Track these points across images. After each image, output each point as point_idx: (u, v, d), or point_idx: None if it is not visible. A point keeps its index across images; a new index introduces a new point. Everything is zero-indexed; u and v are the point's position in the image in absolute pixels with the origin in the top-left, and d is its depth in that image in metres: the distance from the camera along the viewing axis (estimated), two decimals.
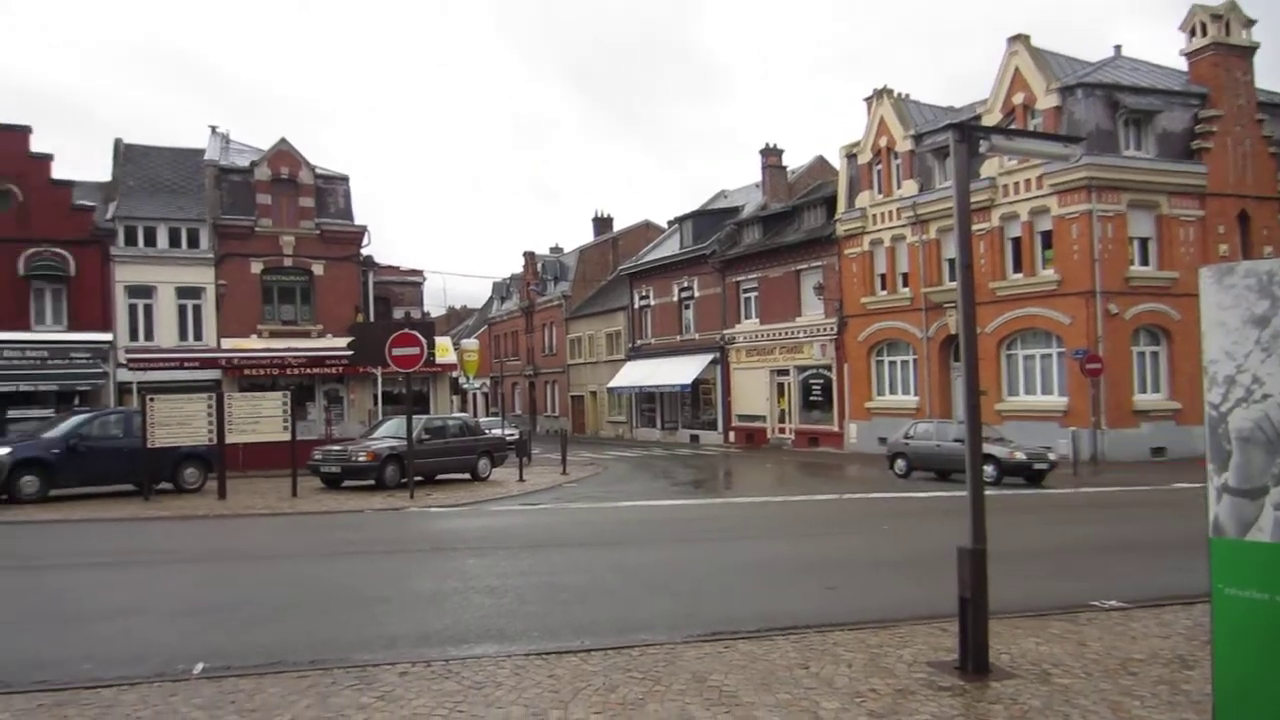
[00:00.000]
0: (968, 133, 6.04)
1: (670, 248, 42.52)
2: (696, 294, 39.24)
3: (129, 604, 8.09)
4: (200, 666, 5.92)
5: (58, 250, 26.09)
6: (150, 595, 8.54)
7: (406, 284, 37.35)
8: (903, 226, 29.20)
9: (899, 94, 30.83)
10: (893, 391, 30.30)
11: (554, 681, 5.50)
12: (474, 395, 33.89)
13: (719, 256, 37.24)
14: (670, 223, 46.03)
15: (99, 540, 12.37)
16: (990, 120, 25.01)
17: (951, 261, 27.24)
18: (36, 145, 26.55)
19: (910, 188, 28.97)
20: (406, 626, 7.14)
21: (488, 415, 47.36)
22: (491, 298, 66.25)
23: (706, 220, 40.11)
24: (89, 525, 13.62)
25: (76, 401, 24.99)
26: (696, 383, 37.86)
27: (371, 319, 29.78)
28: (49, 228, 26.09)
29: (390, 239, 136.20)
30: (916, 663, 5.85)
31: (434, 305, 56.00)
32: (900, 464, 21.75)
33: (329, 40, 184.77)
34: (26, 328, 25.77)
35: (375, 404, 28.03)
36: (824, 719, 4.84)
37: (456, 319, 69.01)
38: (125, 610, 7.82)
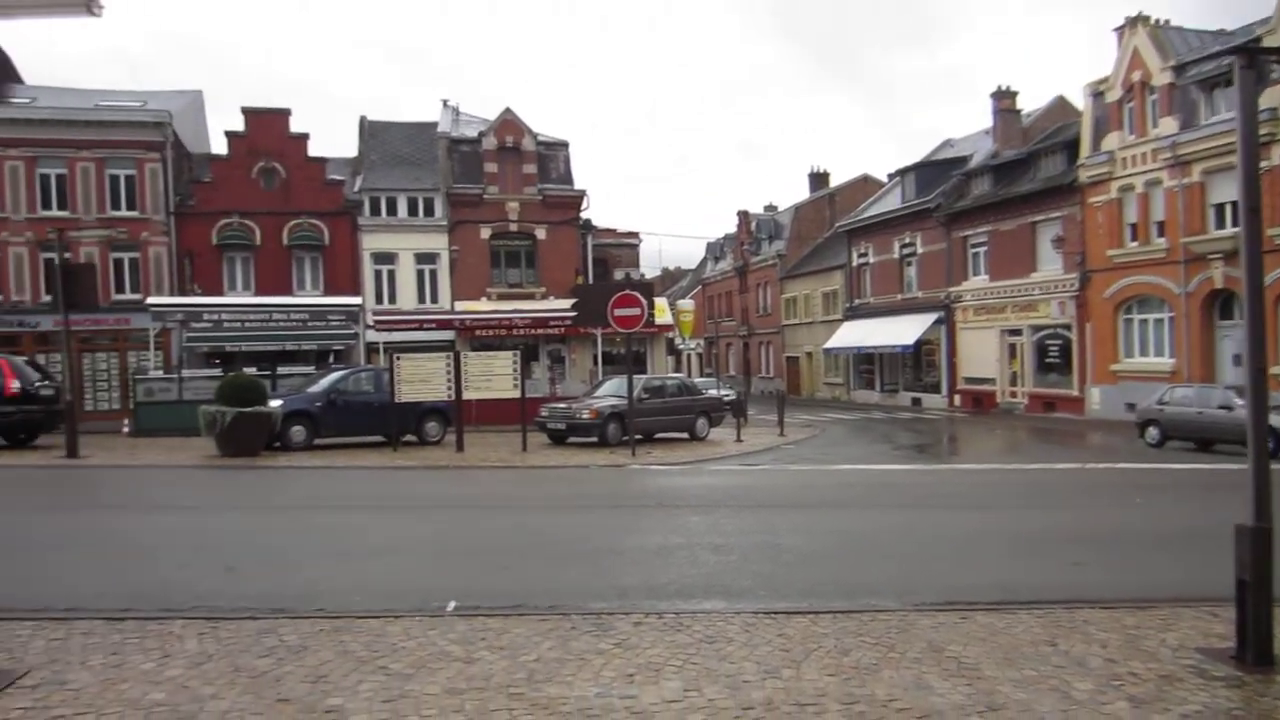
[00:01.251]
0: (1254, 57, 5.27)
1: (891, 202, 40.83)
2: (919, 250, 37.52)
3: (387, 544, 8.86)
4: (452, 604, 6.38)
5: (315, 222, 28.84)
6: (404, 538, 9.32)
7: (623, 246, 38.26)
8: (1159, 169, 26.36)
9: (1156, 20, 27.69)
10: (1143, 353, 27.67)
11: (784, 641, 5.47)
12: (688, 356, 34.29)
13: (945, 210, 35.33)
14: (891, 176, 44.17)
15: (357, 486, 13.65)
16: (1274, 41, 21.93)
17: (1219, 207, 24.39)
18: (294, 126, 29.41)
19: (1169, 125, 26.04)
20: (635, 578, 7.35)
21: (701, 376, 47.84)
22: (705, 258, 66.59)
23: (931, 171, 38.12)
24: (347, 472, 15.05)
25: (330, 359, 27.61)
26: (919, 343, 36.33)
27: (590, 281, 30.77)
28: (307, 201, 28.87)
29: (606, 202, 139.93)
30: (1183, 648, 5.33)
31: (649, 267, 57.07)
32: (1153, 432, 19.87)
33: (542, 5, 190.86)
34: (290, 292, 28.74)
35: (595, 364, 29.03)
36: (1078, 700, 4.50)
37: (671, 280, 70.00)
38: (384, 550, 8.57)
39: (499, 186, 30.39)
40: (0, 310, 26.29)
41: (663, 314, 29.32)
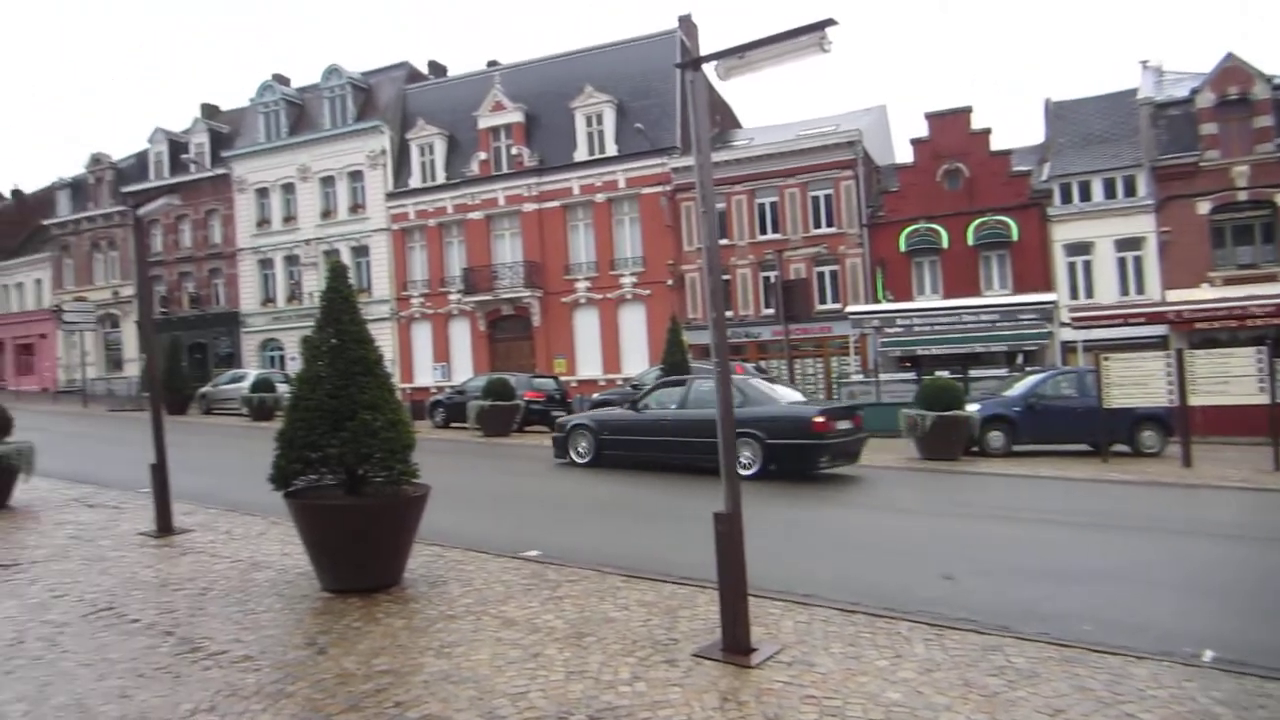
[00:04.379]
0: None
1: None
2: None
3: (1107, 568, 7.96)
4: (1210, 654, 5.37)
5: (1000, 218, 28.22)
6: (1126, 562, 8.28)
7: None
8: None
9: None
10: None
11: None
12: None
13: None
14: None
15: (1062, 498, 12.63)
16: None
17: None
18: (975, 123, 29.20)
19: None
20: None
21: None
22: None
23: None
24: (1051, 482, 14.03)
25: (1019, 360, 26.60)
26: None
27: None
28: (991, 197, 28.42)
29: None
30: None
31: None
32: None
33: None
34: (977, 293, 28.56)
35: None
36: None
37: None
38: (1105, 575, 7.71)
39: (1220, 150, 25.95)
40: (729, 323, 31.28)
41: None
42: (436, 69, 42.49)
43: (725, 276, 30.92)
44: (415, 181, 37.69)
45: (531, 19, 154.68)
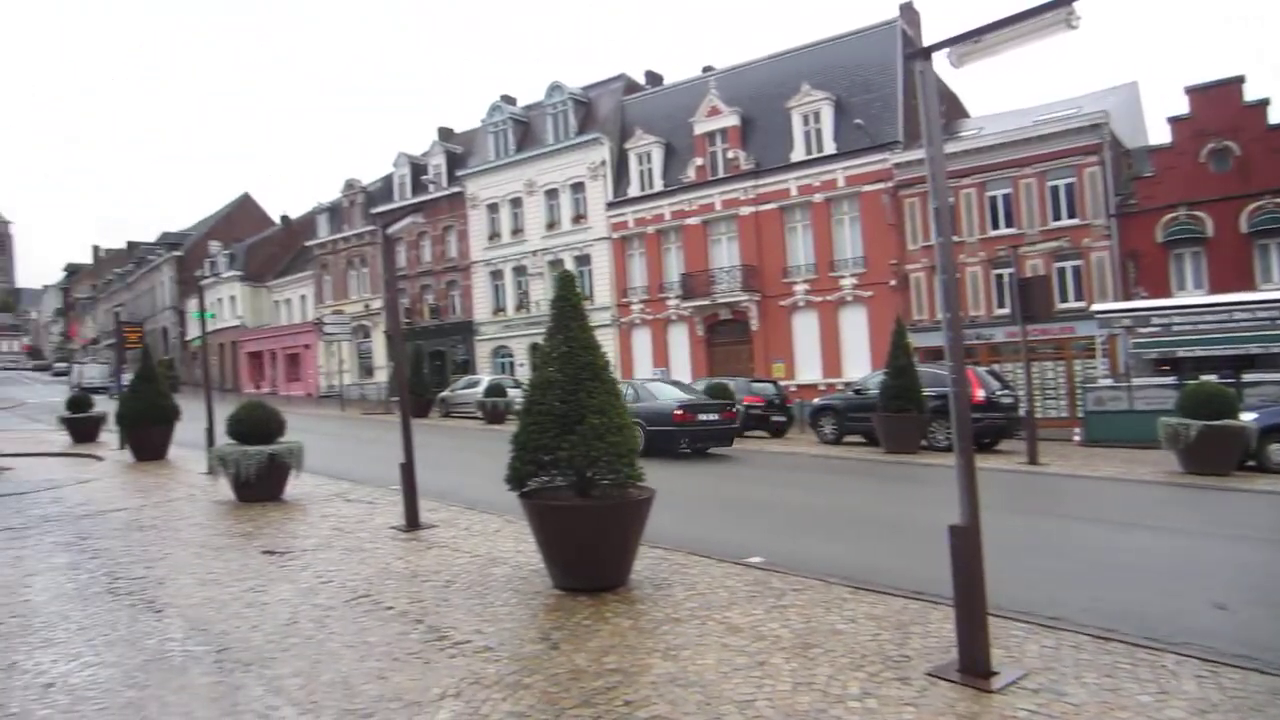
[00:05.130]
0: None
1: None
2: None
3: None
4: None
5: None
6: None
7: None
8: None
9: None
10: None
11: None
12: None
13: None
14: None
15: None
16: None
17: None
18: (1249, 94, 26.02)
19: None
20: None
21: None
22: None
23: None
24: None
25: None
26: None
27: None
28: (1269, 178, 25.20)
29: None
30: None
31: None
32: None
33: None
34: (1251, 286, 25.38)
35: None
36: None
37: None
38: None
39: None
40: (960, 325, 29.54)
41: None
42: (653, 78, 43.46)
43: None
44: (634, 190, 38.65)
45: (747, 22, 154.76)
